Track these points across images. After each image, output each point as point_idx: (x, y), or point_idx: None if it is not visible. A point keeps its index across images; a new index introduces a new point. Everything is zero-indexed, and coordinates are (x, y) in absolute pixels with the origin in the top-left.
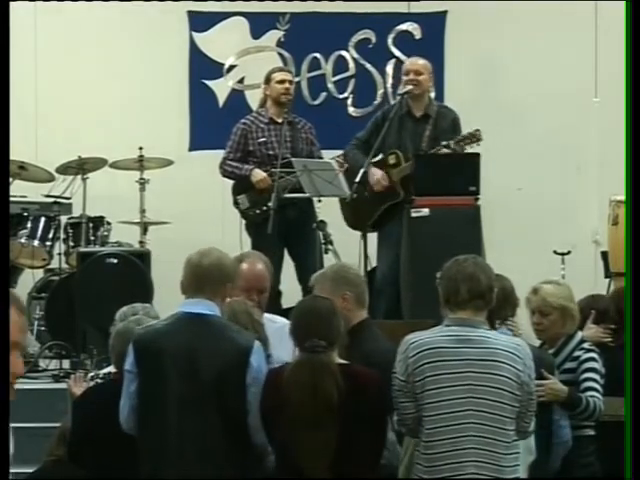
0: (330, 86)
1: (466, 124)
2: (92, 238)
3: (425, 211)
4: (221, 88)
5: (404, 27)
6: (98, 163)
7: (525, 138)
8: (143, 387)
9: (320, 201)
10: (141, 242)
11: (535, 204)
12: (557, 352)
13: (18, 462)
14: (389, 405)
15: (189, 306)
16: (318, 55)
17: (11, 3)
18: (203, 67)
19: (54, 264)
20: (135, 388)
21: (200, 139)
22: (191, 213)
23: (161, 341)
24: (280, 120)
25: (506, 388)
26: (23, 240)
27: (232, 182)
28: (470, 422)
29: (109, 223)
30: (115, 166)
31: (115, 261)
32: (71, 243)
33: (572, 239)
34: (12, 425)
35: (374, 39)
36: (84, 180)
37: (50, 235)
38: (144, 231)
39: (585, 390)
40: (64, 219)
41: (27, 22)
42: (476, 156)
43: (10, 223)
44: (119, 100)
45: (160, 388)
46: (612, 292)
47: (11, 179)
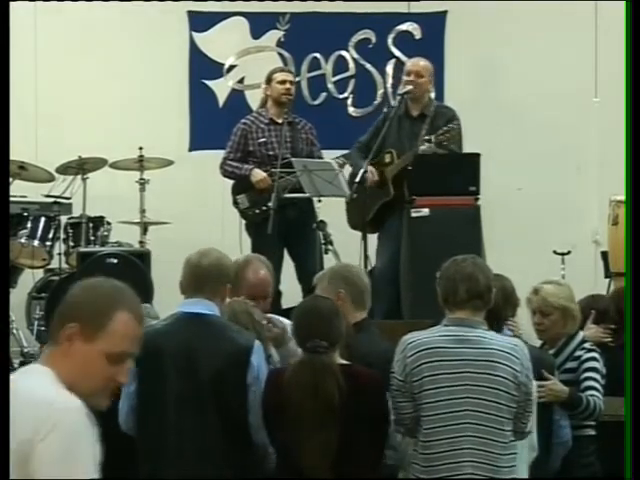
0: (330, 86)
1: (466, 124)
2: (92, 238)
3: (425, 211)
4: (221, 88)
5: (404, 27)
6: (98, 163)
7: (525, 138)
8: (142, 387)
9: (320, 201)
10: (141, 242)
11: (535, 204)
12: (558, 352)
13: None
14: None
15: (188, 306)
16: (318, 55)
17: (11, 3)
18: (203, 67)
19: (54, 264)
20: (134, 388)
21: (200, 139)
22: (191, 213)
23: (160, 341)
24: (280, 120)
25: (503, 389)
26: (23, 240)
27: (232, 182)
28: (467, 422)
29: (109, 223)
30: (115, 166)
31: (115, 261)
32: (71, 243)
33: (572, 239)
34: None
35: (374, 39)
36: (84, 180)
37: (50, 235)
38: (144, 231)
39: (585, 389)
40: (64, 219)
41: (27, 22)
42: (476, 156)
43: (10, 223)
44: (119, 100)
45: (159, 388)
46: (612, 292)
47: (11, 179)
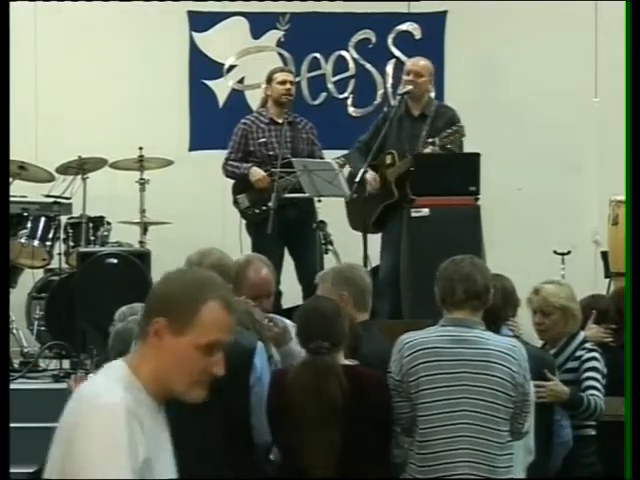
0: (330, 86)
1: (466, 124)
2: (92, 238)
3: (425, 211)
4: (221, 88)
5: (404, 27)
6: (98, 163)
7: (525, 138)
8: None
9: (320, 201)
10: (141, 242)
11: (535, 204)
12: (559, 352)
13: (18, 462)
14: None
15: None
16: (318, 55)
17: (11, 3)
18: (203, 67)
19: (54, 264)
20: None
21: (200, 139)
22: (191, 213)
23: None
24: (281, 120)
25: (500, 389)
26: (23, 240)
27: (232, 182)
28: (464, 422)
29: (109, 223)
30: (115, 166)
31: (115, 261)
32: (71, 243)
33: (572, 239)
34: (12, 425)
35: (374, 39)
36: (84, 180)
37: (50, 235)
38: (144, 231)
39: (586, 389)
40: (64, 219)
41: (27, 22)
42: (476, 156)
43: (10, 223)
44: (119, 100)
45: None
46: (612, 292)
47: (11, 179)
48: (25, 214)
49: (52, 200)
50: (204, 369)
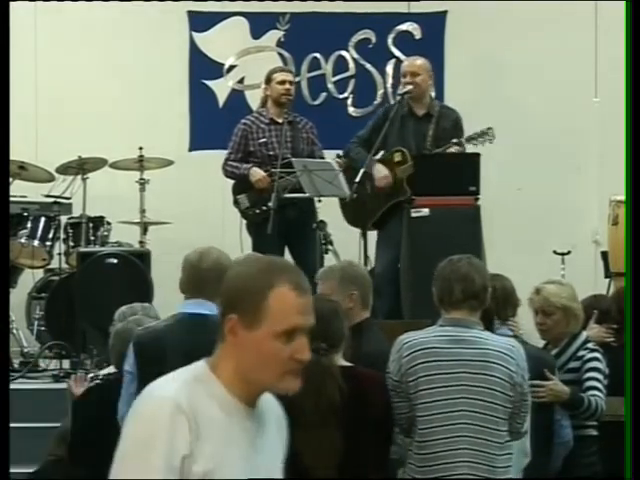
0: (330, 86)
1: (466, 124)
2: (92, 238)
3: (425, 211)
4: (221, 88)
5: (404, 27)
6: (98, 163)
7: (525, 138)
8: (143, 388)
9: (320, 201)
10: (141, 242)
11: (535, 204)
12: (561, 352)
13: (18, 462)
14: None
15: (189, 306)
16: (318, 55)
17: (11, 3)
18: (203, 67)
19: (54, 264)
20: (135, 389)
21: (200, 139)
22: (191, 213)
23: (162, 342)
24: (281, 120)
25: (498, 389)
26: (23, 240)
27: (232, 182)
28: (463, 422)
29: (109, 223)
30: (115, 166)
31: (115, 261)
32: (71, 243)
33: (572, 239)
34: (12, 425)
35: (374, 39)
36: (84, 180)
37: (50, 235)
38: (144, 231)
39: (587, 389)
40: (64, 219)
41: (27, 22)
42: (476, 156)
43: (10, 223)
44: (119, 100)
45: None
46: (614, 292)
47: (11, 179)
48: (25, 214)
49: (52, 200)
50: (288, 357)
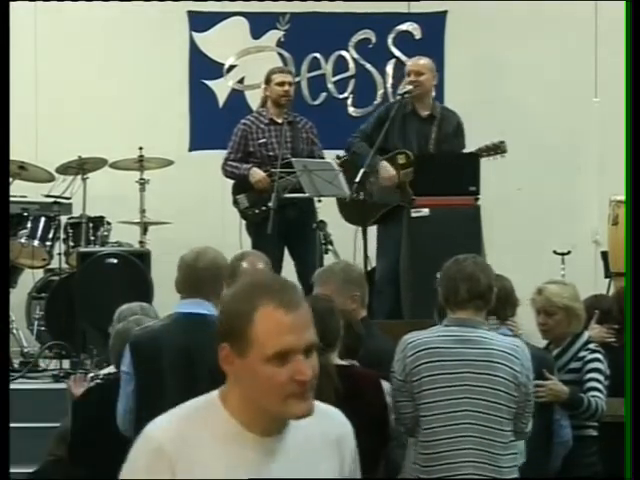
0: (330, 86)
1: (466, 124)
2: (92, 238)
3: (425, 211)
4: (221, 88)
5: (404, 27)
6: (98, 163)
7: (525, 138)
8: (140, 388)
9: (320, 201)
10: (141, 242)
11: (535, 204)
12: (563, 352)
13: (18, 462)
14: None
15: (185, 306)
16: (318, 55)
17: (11, 3)
18: (203, 67)
19: (54, 264)
20: (132, 389)
21: (200, 139)
22: (191, 213)
23: (158, 342)
24: (280, 120)
25: (503, 389)
26: (23, 240)
27: (232, 182)
28: (467, 422)
29: (109, 223)
30: (115, 166)
31: (115, 261)
32: (71, 243)
33: (572, 239)
34: (12, 425)
35: (374, 39)
36: (84, 180)
37: (50, 235)
38: (144, 231)
39: (588, 390)
40: (64, 219)
41: (27, 22)
42: (476, 156)
43: (10, 223)
44: (119, 100)
45: (157, 389)
46: (615, 292)
47: (11, 179)
48: (25, 214)
49: (52, 200)
50: (287, 380)
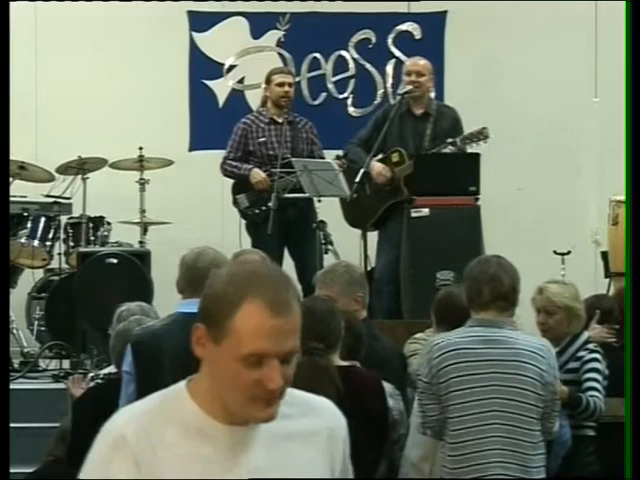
0: (330, 86)
1: (466, 124)
2: (92, 238)
3: (425, 211)
4: (221, 88)
5: (404, 27)
6: (98, 163)
7: (525, 138)
8: (141, 388)
9: (320, 201)
10: (141, 242)
11: (535, 204)
12: (561, 351)
13: (18, 462)
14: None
15: (185, 306)
16: (318, 55)
17: (11, 3)
18: (203, 67)
19: (54, 264)
20: (133, 389)
21: (200, 139)
22: (191, 213)
23: (159, 342)
24: (280, 120)
25: (530, 388)
26: (23, 240)
27: (232, 182)
28: (495, 423)
29: (109, 223)
30: (115, 166)
31: (115, 261)
32: (71, 243)
33: (572, 239)
34: (12, 425)
35: (374, 39)
36: (84, 180)
37: (50, 235)
38: (144, 231)
39: (586, 390)
40: (64, 219)
41: (27, 22)
42: (476, 156)
43: (10, 223)
44: (119, 100)
45: (158, 389)
46: (616, 292)
47: (11, 179)
48: (25, 214)
49: (52, 200)
50: (254, 384)
